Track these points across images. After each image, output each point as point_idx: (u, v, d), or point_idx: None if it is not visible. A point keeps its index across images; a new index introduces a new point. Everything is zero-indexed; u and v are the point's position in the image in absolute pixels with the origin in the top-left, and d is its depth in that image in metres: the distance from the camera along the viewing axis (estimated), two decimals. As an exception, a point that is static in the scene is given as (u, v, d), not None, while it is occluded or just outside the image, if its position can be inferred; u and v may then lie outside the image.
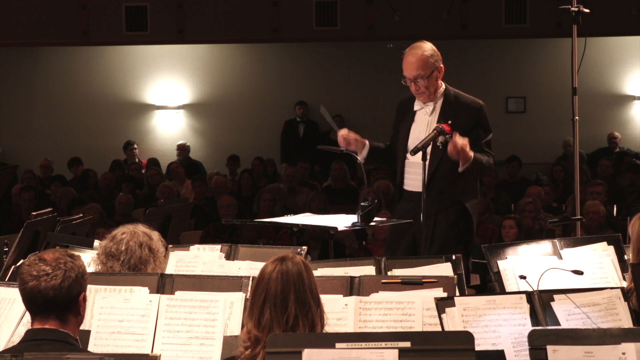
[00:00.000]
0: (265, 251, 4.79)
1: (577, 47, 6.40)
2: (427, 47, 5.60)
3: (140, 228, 4.41)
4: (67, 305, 3.28)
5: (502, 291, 4.29)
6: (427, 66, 5.53)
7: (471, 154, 5.39)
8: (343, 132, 5.67)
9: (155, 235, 4.43)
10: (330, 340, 3.02)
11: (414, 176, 5.57)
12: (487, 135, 5.62)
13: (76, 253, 3.50)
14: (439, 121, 5.48)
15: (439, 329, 3.63)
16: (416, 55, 5.54)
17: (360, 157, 5.71)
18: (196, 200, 10.48)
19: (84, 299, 3.35)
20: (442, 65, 5.60)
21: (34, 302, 3.28)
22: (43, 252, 3.37)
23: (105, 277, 4.15)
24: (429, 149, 5.36)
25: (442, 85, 5.65)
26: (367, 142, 5.72)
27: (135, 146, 14.09)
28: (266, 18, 13.16)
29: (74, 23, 13.04)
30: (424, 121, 5.62)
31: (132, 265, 4.29)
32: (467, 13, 13.12)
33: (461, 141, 5.32)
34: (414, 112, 5.68)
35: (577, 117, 6.45)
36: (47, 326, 3.27)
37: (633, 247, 4.21)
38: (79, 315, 3.34)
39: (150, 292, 4.00)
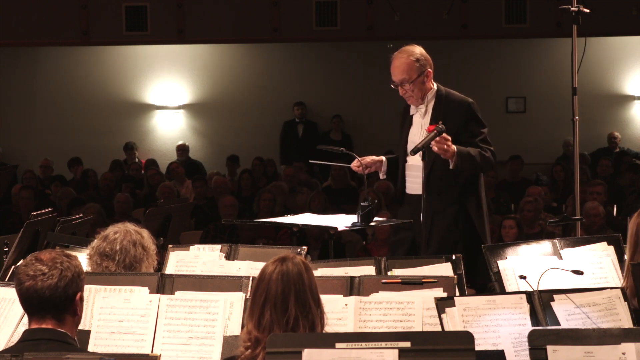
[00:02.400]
0: (265, 251, 4.79)
1: (577, 47, 6.39)
2: (415, 50, 5.60)
3: (131, 226, 4.40)
4: (64, 304, 3.28)
5: (502, 291, 4.29)
6: (412, 70, 5.55)
7: (453, 147, 5.38)
8: (355, 164, 5.65)
9: (145, 233, 4.43)
10: (330, 340, 3.02)
11: (413, 179, 5.60)
12: (481, 130, 5.61)
13: (74, 253, 3.50)
14: (431, 123, 5.51)
15: (439, 329, 3.63)
16: (401, 60, 5.57)
17: (382, 174, 5.74)
18: (196, 200, 10.48)
19: (81, 299, 3.34)
20: (430, 69, 5.59)
21: (30, 302, 3.28)
22: (39, 252, 3.37)
23: (105, 277, 4.14)
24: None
25: (434, 87, 5.65)
26: (383, 158, 5.75)
27: (135, 148, 14.09)
28: (266, 18, 13.16)
29: (74, 23, 13.04)
30: (419, 124, 5.66)
31: (127, 265, 4.29)
32: (467, 13, 13.12)
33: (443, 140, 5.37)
34: (411, 117, 5.72)
35: (577, 117, 6.45)
36: (44, 326, 3.27)
37: (629, 242, 4.22)
38: (76, 315, 3.33)
39: (150, 292, 4.00)
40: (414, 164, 5.55)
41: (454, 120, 5.49)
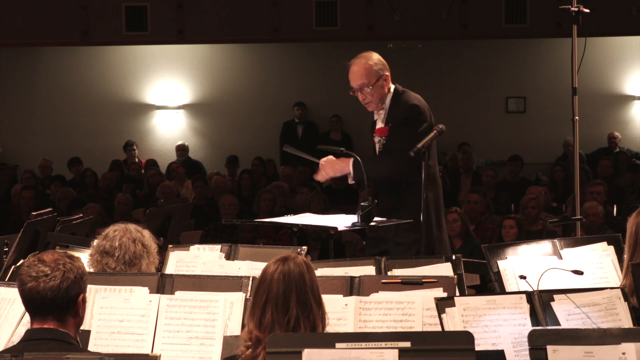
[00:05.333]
0: (266, 251, 4.78)
1: (577, 47, 6.40)
2: (372, 56, 5.67)
3: (132, 226, 4.44)
4: (66, 306, 3.28)
5: (502, 291, 4.29)
6: (371, 74, 5.60)
7: (337, 167, 5.59)
8: (319, 177, 5.69)
9: (147, 233, 4.46)
10: (330, 340, 3.02)
11: None
12: (402, 125, 5.55)
13: (76, 254, 3.50)
14: (385, 125, 5.56)
15: (439, 329, 3.63)
16: (360, 64, 5.63)
17: (350, 180, 5.75)
18: (196, 200, 10.48)
19: (83, 301, 3.34)
20: (387, 73, 5.62)
21: (32, 302, 3.28)
22: (42, 253, 3.37)
23: (105, 277, 4.15)
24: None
25: (391, 90, 5.65)
26: (350, 167, 5.74)
27: (135, 146, 14.09)
28: (266, 18, 13.16)
29: (74, 23, 13.04)
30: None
31: (127, 261, 4.30)
32: (467, 13, 13.11)
33: (325, 165, 5.60)
34: (375, 122, 5.76)
35: (577, 117, 6.45)
36: (46, 326, 3.27)
37: (628, 242, 4.22)
38: (78, 317, 3.33)
39: (150, 292, 4.00)
40: None
41: (397, 121, 5.53)
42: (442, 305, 3.64)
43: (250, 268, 4.53)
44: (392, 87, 5.69)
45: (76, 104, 14.58)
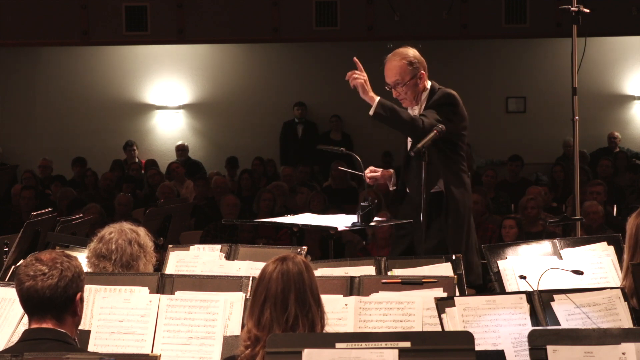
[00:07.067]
0: (266, 251, 4.79)
1: (577, 47, 6.40)
2: (408, 53, 5.61)
3: (126, 225, 4.42)
4: (64, 305, 3.28)
5: (502, 291, 4.29)
6: (404, 72, 5.56)
7: (371, 94, 5.51)
8: (368, 176, 5.64)
9: (142, 231, 4.44)
10: (330, 340, 3.02)
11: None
12: (435, 110, 5.51)
13: (75, 253, 3.50)
14: None
15: (439, 329, 3.63)
16: (394, 62, 5.59)
17: (392, 186, 5.73)
18: (197, 200, 10.49)
19: (81, 299, 3.35)
20: (423, 71, 5.58)
21: (30, 302, 3.28)
22: (40, 253, 3.38)
23: (105, 277, 4.14)
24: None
25: (427, 87, 5.64)
26: (392, 170, 5.75)
27: (135, 146, 14.09)
28: (266, 18, 13.16)
29: (74, 23, 13.04)
30: None
31: (124, 263, 4.29)
32: (467, 13, 13.12)
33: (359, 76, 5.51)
34: None
35: (577, 117, 6.45)
36: (44, 326, 3.27)
37: (628, 242, 4.22)
38: (76, 316, 3.34)
39: (150, 292, 4.00)
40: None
41: (433, 105, 5.51)
42: (442, 305, 3.64)
43: (250, 268, 4.53)
44: (429, 84, 5.65)
45: (76, 104, 14.57)
